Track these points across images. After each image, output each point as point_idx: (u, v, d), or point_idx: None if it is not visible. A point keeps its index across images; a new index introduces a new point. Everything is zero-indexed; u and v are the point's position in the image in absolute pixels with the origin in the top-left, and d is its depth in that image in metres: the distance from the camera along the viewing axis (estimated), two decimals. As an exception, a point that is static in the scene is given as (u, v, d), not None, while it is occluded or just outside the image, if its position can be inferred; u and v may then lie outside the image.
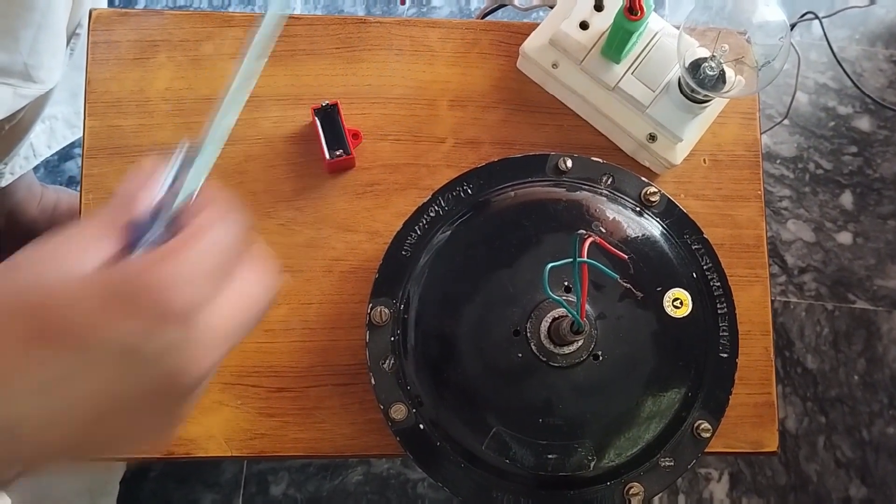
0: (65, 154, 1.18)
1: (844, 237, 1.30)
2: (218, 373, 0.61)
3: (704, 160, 0.67)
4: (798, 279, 1.28)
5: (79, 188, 0.64)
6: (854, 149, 1.32)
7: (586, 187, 0.58)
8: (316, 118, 0.62)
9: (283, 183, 0.64)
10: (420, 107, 0.66)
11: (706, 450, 0.64)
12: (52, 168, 1.19)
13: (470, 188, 0.57)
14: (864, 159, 1.32)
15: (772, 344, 0.65)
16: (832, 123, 1.32)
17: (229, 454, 0.61)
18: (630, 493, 0.54)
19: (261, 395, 0.61)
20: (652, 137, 0.62)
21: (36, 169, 1.12)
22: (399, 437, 0.54)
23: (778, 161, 1.30)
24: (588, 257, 0.44)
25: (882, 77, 1.35)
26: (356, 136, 0.63)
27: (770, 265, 1.28)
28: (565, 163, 0.58)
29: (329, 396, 0.62)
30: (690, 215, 0.59)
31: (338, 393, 0.62)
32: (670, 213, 0.58)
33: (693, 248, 0.58)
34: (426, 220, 0.57)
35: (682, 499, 1.20)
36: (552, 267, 0.44)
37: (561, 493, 0.54)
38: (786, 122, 1.30)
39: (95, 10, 0.65)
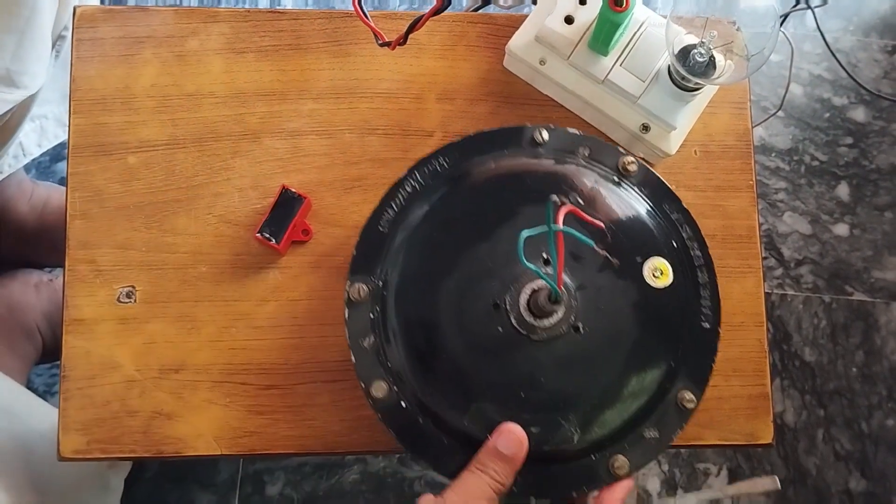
0: (56, 154, 1.18)
1: (841, 229, 1.29)
2: (206, 370, 0.61)
3: (696, 151, 0.66)
4: (795, 272, 1.27)
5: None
6: (850, 140, 1.31)
7: (563, 158, 0.58)
8: (280, 195, 0.61)
9: (269, 179, 0.63)
10: (408, 100, 0.65)
11: (701, 443, 0.63)
12: (44, 169, 1.19)
13: (446, 162, 0.57)
14: (859, 150, 1.31)
15: (765, 335, 0.64)
16: (827, 115, 1.32)
17: (219, 452, 0.60)
18: (615, 465, 0.54)
19: (249, 393, 0.61)
20: (645, 128, 0.62)
21: (28, 170, 1.11)
22: (380, 414, 0.54)
23: (773, 153, 1.30)
24: (564, 226, 0.44)
25: (877, 67, 1.34)
26: (306, 232, 0.62)
27: (767, 258, 1.27)
28: (541, 134, 0.58)
29: (318, 393, 0.61)
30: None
31: (327, 390, 0.61)
32: (649, 183, 0.58)
33: (672, 217, 0.57)
34: (403, 195, 0.56)
35: (680, 493, 1.19)
36: (528, 235, 0.44)
37: (545, 468, 0.54)
38: (780, 113, 1.30)
39: (79, 7, 0.65)
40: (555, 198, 0.54)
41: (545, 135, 0.58)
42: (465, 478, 0.50)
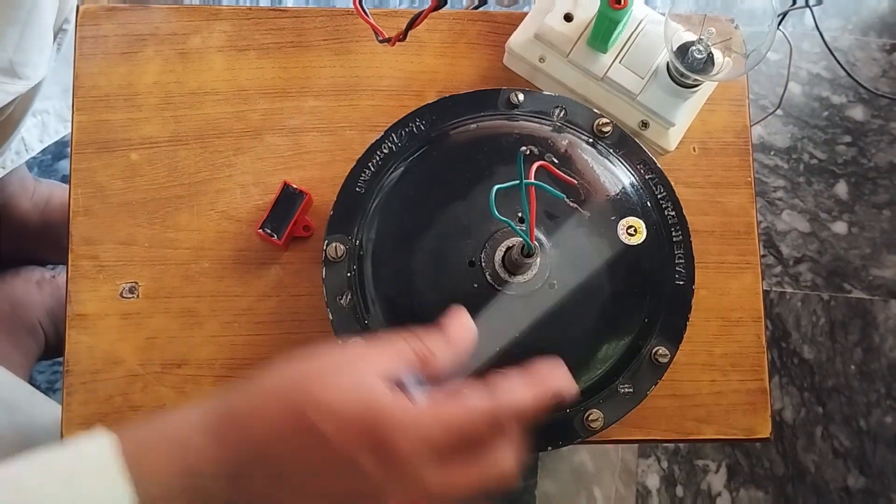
0: (58, 153, 1.18)
1: (839, 227, 1.30)
2: (208, 365, 0.61)
3: (694, 148, 0.67)
4: (794, 269, 1.28)
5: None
6: (848, 138, 1.32)
7: (538, 120, 0.58)
8: (281, 192, 0.61)
9: (271, 175, 0.64)
10: (408, 97, 0.66)
11: (699, 438, 0.64)
12: (47, 167, 1.19)
13: (423, 124, 0.58)
14: (858, 149, 1.32)
15: (763, 331, 0.65)
16: (826, 113, 1.32)
17: (221, 447, 0.61)
18: (589, 419, 0.55)
19: (252, 388, 0.61)
20: (644, 125, 0.63)
21: (30, 168, 1.12)
22: None
23: (772, 152, 1.30)
24: (535, 180, 0.45)
25: (875, 66, 1.35)
26: (308, 228, 0.63)
27: (765, 256, 1.28)
28: (517, 97, 0.59)
29: (320, 388, 0.61)
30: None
31: (329, 384, 0.61)
32: (623, 144, 0.59)
33: (646, 177, 0.58)
34: (379, 156, 0.57)
35: (680, 490, 1.20)
36: (498, 188, 0.44)
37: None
38: (779, 112, 1.30)
39: (83, 5, 0.66)
40: (525, 148, 0.55)
41: (521, 97, 0.59)
42: (387, 335, 0.43)
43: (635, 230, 0.55)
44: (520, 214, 0.54)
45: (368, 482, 0.37)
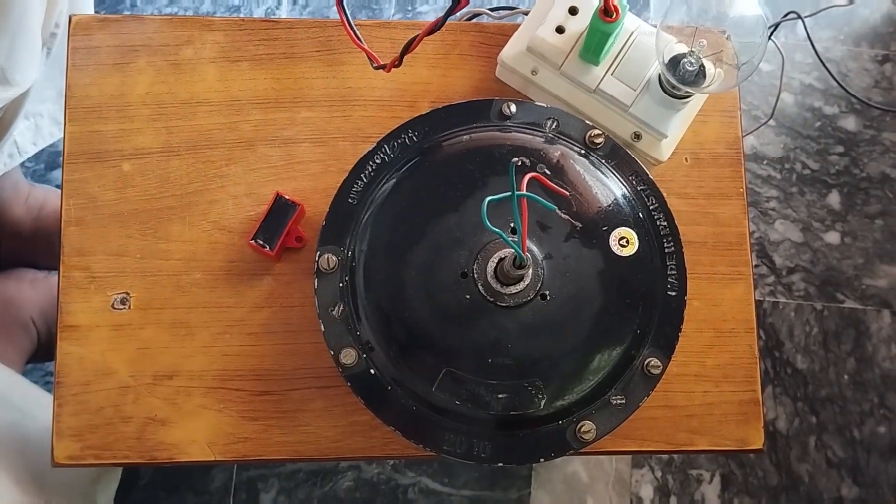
0: (51, 162, 1.18)
1: (832, 237, 1.30)
2: (200, 377, 0.61)
3: (686, 159, 0.67)
4: (787, 279, 1.28)
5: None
6: (840, 149, 1.32)
7: (531, 131, 0.59)
8: (273, 203, 0.61)
9: (263, 186, 0.64)
10: (401, 108, 0.66)
11: (692, 449, 0.64)
12: (39, 177, 1.19)
13: (415, 135, 0.58)
14: (850, 159, 1.32)
15: (755, 341, 0.65)
16: (818, 123, 1.33)
17: (212, 458, 0.60)
18: (582, 430, 0.55)
19: (243, 399, 0.61)
20: (637, 136, 0.63)
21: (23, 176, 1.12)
22: (349, 382, 0.54)
23: (765, 162, 1.31)
24: (528, 191, 0.45)
25: (867, 77, 1.35)
26: (300, 239, 0.62)
27: (758, 265, 1.28)
28: (509, 108, 0.59)
29: (312, 399, 0.61)
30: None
31: (321, 395, 0.61)
32: (615, 155, 0.59)
33: (639, 188, 0.58)
34: (371, 167, 0.57)
35: (673, 500, 1.20)
36: (490, 200, 0.45)
37: (513, 433, 0.54)
38: (772, 122, 1.31)
39: (75, 16, 0.66)
40: (517, 160, 0.55)
41: (513, 108, 0.59)
42: None
43: (627, 241, 0.55)
44: (512, 225, 0.54)
45: None
